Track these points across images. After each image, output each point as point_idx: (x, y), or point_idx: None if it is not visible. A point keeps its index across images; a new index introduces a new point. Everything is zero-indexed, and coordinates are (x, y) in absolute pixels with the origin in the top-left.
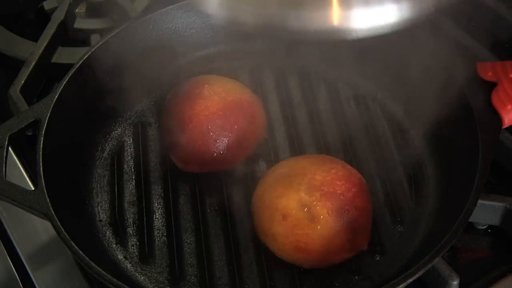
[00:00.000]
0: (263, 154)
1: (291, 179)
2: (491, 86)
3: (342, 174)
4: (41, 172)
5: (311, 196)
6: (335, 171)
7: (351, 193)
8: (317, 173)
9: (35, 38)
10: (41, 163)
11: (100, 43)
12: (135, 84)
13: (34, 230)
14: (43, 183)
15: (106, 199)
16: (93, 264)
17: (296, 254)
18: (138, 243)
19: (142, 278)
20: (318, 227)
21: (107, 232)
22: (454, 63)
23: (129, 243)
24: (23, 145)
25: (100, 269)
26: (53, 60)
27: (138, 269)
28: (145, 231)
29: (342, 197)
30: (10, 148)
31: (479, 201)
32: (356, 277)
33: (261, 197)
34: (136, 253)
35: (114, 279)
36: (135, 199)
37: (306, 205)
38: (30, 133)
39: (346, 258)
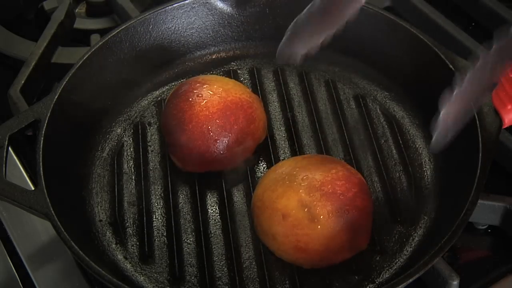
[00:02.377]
0: (263, 154)
1: (291, 179)
2: None
3: (342, 174)
4: (41, 172)
5: (311, 196)
6: (335, 171)
7: (351, 193)
8: (317, 173)
9: (35, 38)
10: (41, 163)
11: (100, 43)
12: (135, 84)
13: (34, 230)
14: (43, 183)
15: (106, 199)
16: (93, 264)
17: (296, 254)
18: (138, 243)
19: (142, 278)
20: (318, 227)
21: (107, 232)
22: (454, 63)
23: (129, 243)
24: (23, 145)
25: (100, 269)
26: (53, 60)
27: (138, 269)
28: (145, 231)
29: (342, 197)
30: (10, 148)
31: (479, 201)
32: (356, 277)
33: (261, 197)
34: (136, 253)
35: (114, 279)
36: (135, 199)
37: (306, 205)
38: (30, 133)
39: (346, 258)
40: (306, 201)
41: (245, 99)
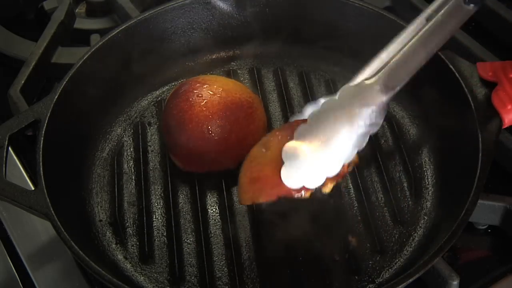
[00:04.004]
0: None
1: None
2: (491, 86)
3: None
4: (41, 172)
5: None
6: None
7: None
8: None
9: (35, 38)
10: (41, 163)
11: (100, 43)
12: (135, 84)
13: (34, 230)
14: (43, 183)
15: (106, 199)
16: (93, 264)
17: (252, 187)
18: (138, 243)
19: (142, 278)
20: (268, 153)
21: (107, 232)
22: (454, 63)
23: (129, 243)
24: (23, 145)
25: (100, 269)
26: (53, 60)
27: (138, 269)
28: (145, 231)
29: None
30: (10, 148)
31: (479, 201)
32: (356, 277)
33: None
34: (136, 253)
35: (114, 279)
36: (135, 199)
37: (264, 146)
38: (30, 133)
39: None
40: (266, 142)
41: (245, 99)
